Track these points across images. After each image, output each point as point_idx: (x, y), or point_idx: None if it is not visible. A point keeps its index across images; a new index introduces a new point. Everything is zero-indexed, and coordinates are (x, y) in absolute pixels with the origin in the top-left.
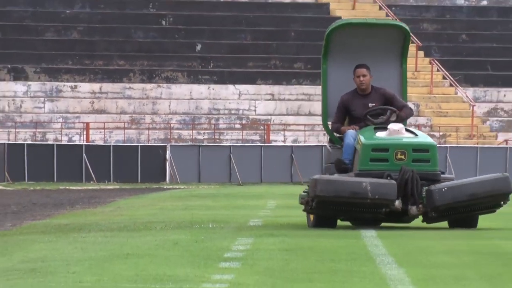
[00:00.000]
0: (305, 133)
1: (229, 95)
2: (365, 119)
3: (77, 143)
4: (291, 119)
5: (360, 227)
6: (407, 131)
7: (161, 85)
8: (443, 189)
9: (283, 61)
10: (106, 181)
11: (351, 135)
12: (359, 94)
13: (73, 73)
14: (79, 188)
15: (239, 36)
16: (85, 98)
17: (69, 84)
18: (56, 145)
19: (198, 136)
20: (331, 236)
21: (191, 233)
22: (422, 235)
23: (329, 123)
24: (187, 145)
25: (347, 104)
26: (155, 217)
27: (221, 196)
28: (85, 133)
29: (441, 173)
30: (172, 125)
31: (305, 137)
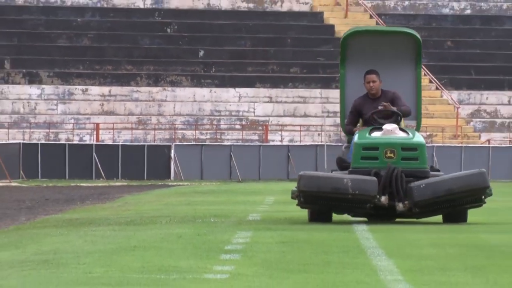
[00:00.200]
0: (300, 133)
1: (230, 98)
2: (371, 119)
3: (88, 142)
4: (287, 120)
5: (352, 221)
6: (402, 130)
7: (166, 88)
8: (421, 186)
9: (280, 66)
10: (114, 178)
11: None
12: (369, 98)
13: (84, 77)
14: (89, 184)
15: (239, 42)
16: (95, 100)
17: (80, 87)
18: (68, 144)
19: (200, 136)
20: (325, 229)
21: (194, 227)
22: (410, 229)
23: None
24: (190, 145)
25: (359, 107)
26: (160, 212)
27: (222, 192)
28: (95, 133)
29: (436, 171)
30: (176, 126)
31: (300, 137)
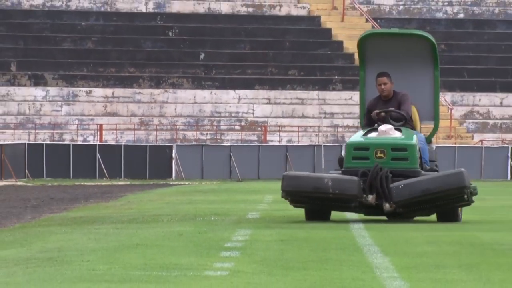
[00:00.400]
0: (298, 134)
1: (230, 99)
2: (376, 119)
3: (91, 143)
4: (286, 121)
5: (349, 220)
6: (399, 131)
7: (167, 90)
8: (400, 186)
9: (278, 69)
10: (117, 178)
11: None
12: (382, 99)
13: (88, 79)
14: (93, 184)
15: (238, 46)
16: (98, 102)
17: (84, 89)
18: (72, 145)
19: (201, 136)
20: (323, 228)
21: (195, 225)
22: (406, 227)
23: None
24: (191, 145)
25: (372, 109)
26: (162, 210)
27: (222, 191)
28: (99, 134)
29: (434, 171)
30: (177, 127)
31: (298, 138)
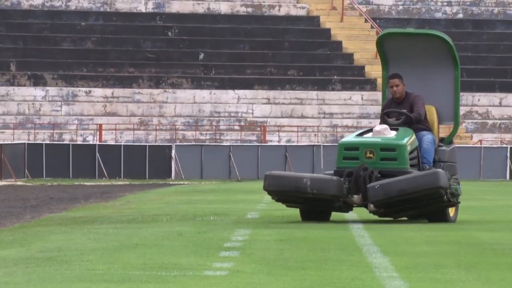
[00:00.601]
0: (297, 134)
1: (229, 99)
2: (382, 119)
3: (91, 143)
4: (285, 121)
5: (348, 220)
6: (395, 130)
7: (167, 90)
8: (376, 186)
9: (278, 69)
10: (117, 178)
11: None
12: (394, 101)
13: (88, 79)
14: (92, 183)
15: (238, 46)
16: (98, 102)
17: (84, 89)
18: (71, 144)
19: (200, 136)
20: (322, 227)
21: (194, 225)
22: (405, 227)
23: None
24: (190, 145)
25: (387, 109)
26: (161, 210)
27: (221, 191)
28: (98, 133)
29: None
30: (177, 127)
31: (297, 138)
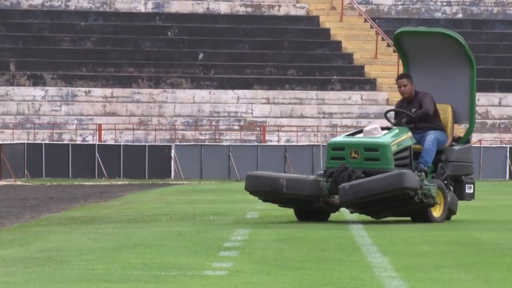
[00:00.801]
0: (297, 133)
1: (229, 99)
2: (385, 117)
3: (90, 142)
4: (284, 121)
5: (348, 219)
6: (385, 130)
7: (166, 90)
8: (346, 187)
9: (277, 69)
10: (116, 177)
11: None
12: (404, 101)
13: (87, 79)
14: (92, 183)
15: (237, 46)
16: (97, 102)
17: (83, 89)
18: (71, 144)
19: (200, 136)
20: (321, 227)
21: (194, 224)
22: (404, 227)
23: None
24: (190, 145)
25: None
26: (160, 210)
27: (221, 191)
28: (98, 133)
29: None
30: (176, 127)
31: (297, 138)
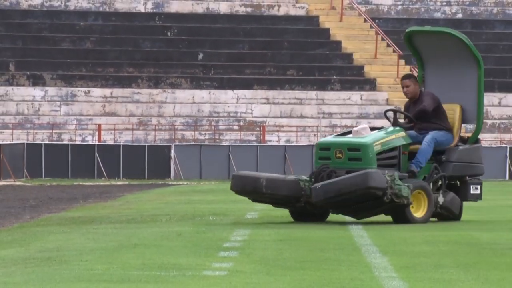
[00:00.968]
0: (297, 134)
1: (228, 99)
2: (386, 117)
3: (90, 143)
4: (284, 121)
5: (347, 220)
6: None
7: (166, 90)
8: (317, 187)
9: (277, 69)
10: (116, 178)
11: None
12: (410, 101)
13: (87, 79)
14: (91, 184)
15: (237, 46)
16: (97, 102)
17: (83, 89)
18: (70, 144)
19: (199, 136)
20: (321, 228)
21: (193, 225)
22: (403, 227)
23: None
24: (189, 145)
25: (406, 110)
26: (160, 210)
27: (220, 191)
28: (97, 134)
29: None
30: (176, 127)
31: (297, 138)
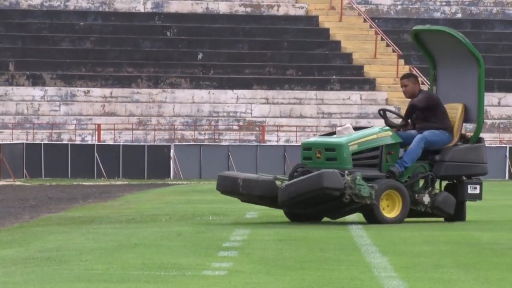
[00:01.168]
0: (296, 133)
1: (228, 99)
2: (381, 116)
3: (90, 142)
4: (283, 121)
5: (347, 220)
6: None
7: (166, 90)
8: (282, 187)
9: (276, 68)
10: (115, 177)
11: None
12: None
13: (86, 79)
14: (91, 183)
15: (236, 46)
16: (97, 102)
17: (83, 89)
18: (70, 144)
19: (199, 136)
20: (320, 227)
21: (193, 225)
22: (403, 227)
23: None
24: (189, 145)
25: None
26: (160, 210)
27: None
28: (97, 133)
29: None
30: (175, 127)
31: (296, 137)
